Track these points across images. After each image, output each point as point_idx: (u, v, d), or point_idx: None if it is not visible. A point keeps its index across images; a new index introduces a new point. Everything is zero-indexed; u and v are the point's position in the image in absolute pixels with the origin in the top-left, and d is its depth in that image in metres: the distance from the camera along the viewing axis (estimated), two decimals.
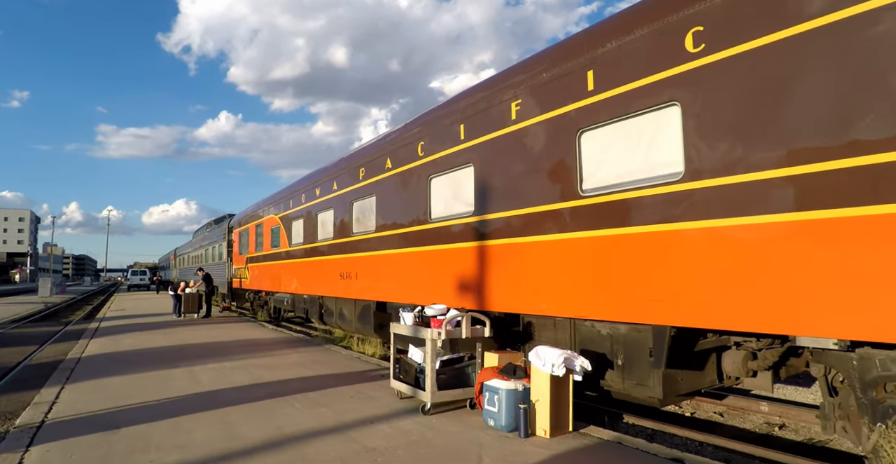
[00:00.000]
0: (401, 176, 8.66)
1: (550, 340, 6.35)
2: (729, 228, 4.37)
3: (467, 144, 7.17)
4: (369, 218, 9.65)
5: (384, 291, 9.06)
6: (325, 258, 11.37)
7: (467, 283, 7.12)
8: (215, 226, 26.97)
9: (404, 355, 6.56)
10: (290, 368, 8.61)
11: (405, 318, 6.45)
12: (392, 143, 8.97)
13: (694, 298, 4.62)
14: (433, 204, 7.90)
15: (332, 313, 11.41)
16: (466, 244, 7.13)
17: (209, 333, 13.75)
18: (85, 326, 16.40)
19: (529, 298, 6.23)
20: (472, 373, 6.17)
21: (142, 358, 9.77)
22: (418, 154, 8.21)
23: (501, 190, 6.59)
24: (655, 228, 4.92)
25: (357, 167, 10.17)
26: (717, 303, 4.46)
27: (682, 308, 4.72)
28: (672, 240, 4.78)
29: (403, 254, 8.46)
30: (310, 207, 12.45)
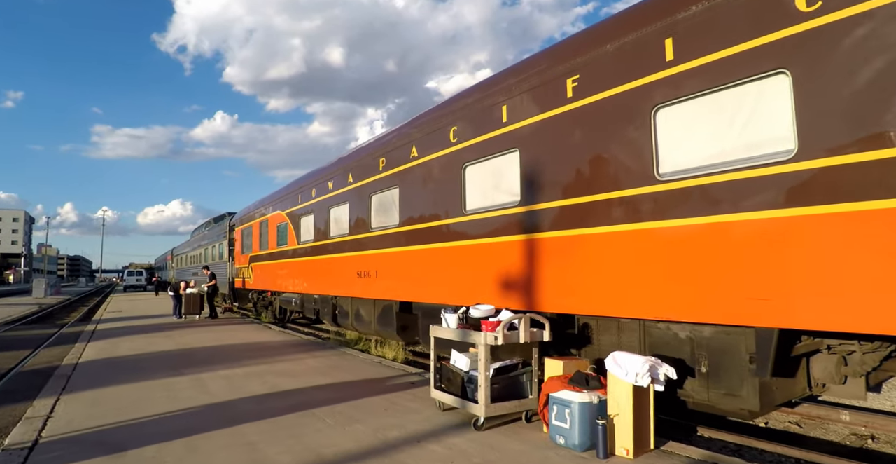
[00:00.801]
0: (429, 165, 7.83)
1: (613, 345, 5.55)
2: (868, 214, 3.58)
3: (511, 127, 6.35)
4: (391, 212, 8.80)
5: (409, 291, 8.22)
6: (340, 256, 10.50)
7: (512, 280, 6.30)
8: (215, 225, 25.94)
9: (446, 362, 5.73)
10: (307, 374, 7.74)
11: (448, 320, 5.62)
12: (418, 129, 8.14)
13: (814, 296, 3.83)
14: (468, 194, 7.07)
15: (348, 315, 10.54)
16: (511, 238, 6.31)
17: (213, 335, 12.82)
18: (81, 328, 15.39)
19: (589, 296, 5.42)
20: (527, 382, 5.36)
21: (143, 364, 8.85)
22: (450, 141, 7.38)
23: (555, 177, 5.78)
24: (760, 215, 4.13)
25: (376, 158, 9.32)
26: (847, 302, 3.67)
27: (795, 308, 3.93)
28: (784, 228, 3.98)
29: (433, 250, 7.62)
30: (321, 201, 11.57)
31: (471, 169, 7.04)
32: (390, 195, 8.86)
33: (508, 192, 6.42)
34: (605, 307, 5.30)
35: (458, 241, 7.15)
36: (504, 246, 6.40)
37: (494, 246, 6.55)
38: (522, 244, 6.14)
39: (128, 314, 19.52)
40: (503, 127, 6.47)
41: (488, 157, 6.72)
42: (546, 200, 5.84)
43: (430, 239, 7.70)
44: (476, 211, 6.90)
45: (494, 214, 6.57)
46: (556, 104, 5.79)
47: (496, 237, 6.53)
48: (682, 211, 4.64)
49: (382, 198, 9.11)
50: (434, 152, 7.72)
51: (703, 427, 5.63)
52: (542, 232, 5.88)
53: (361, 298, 9.84)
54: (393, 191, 8.75)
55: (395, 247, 8.58)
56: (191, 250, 32.97)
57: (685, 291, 4.62)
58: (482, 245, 6.75)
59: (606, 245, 5.21)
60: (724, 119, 4.45)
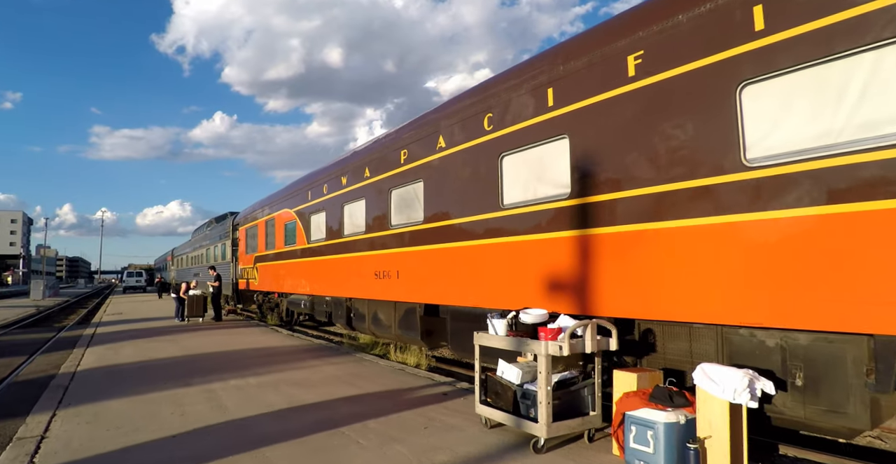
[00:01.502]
0: (459, 156, 7.13)
1: (681, 353, 4.86)
2: None
3: (559, 111, 5.66)
4: (414, 208, 8.09)
5: (436, 292, 7.51)
6: (356, 255, 9.78)
7: (559, 281, 5.60)
8: (217, 224, 25.13)
9: (492, 373, 5.03)
10: (327, 384, 7.02)
11: (495, 326, 4.92)
12: (446, 118, 7.43)
13: None
14: (506, 187, 6.37)
15: (364, 318, 9.82)
16: (558, 234, 5.62)
17: (219, 339, 12.06)
18: (80, 332, 14.59)
19: (656, 299, 4.73)
20: (588, 396, 4.67)
21: (147, 373, 8.10)
22: (484, 129, 6.68)
23: (614, 166, 5.09)
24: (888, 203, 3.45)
25: (396, 150, 8.61)
26: None
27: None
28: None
29: (464, 248, 6.92)
30: (334, 198, 10.84)
31: (509, 159, 6.34)
32: (413, 190, 8.16)
33: (555, 183, 5.73)
34: (677, 311, 4.61)
35: (494, 238, 6.44)
36: (550, 243, 5.71)
37: (538, 243, 5.86)
38: (573, 241, 5.45)
39: (128, 317, 18.70)
40: (549, 112, 5.78)
41: (530, 145, 6.02)
42: (603, 191, 5.15)
43: (461, 237, 7.00)
44: (515, 205, 6.20)
45: (538, 209, 5.88)
46: (615, 85, 5.10)
47: (540, 234, 5.84)
48: (777, 201, 3.96)
49: (404, 193, 8.40)
50: (465, 142, 7.01)
51: (785, 445, 4.95)
52: (599, 227, 5.19)
53: (380, 300, 9.13)
54: (416, 185, 8.04)
55: (418, 245, 7.88)
56: (192, 251, 32.11)
57: (779, 294, 3.94)
58: (523, 243, 6.05)
59: (680, 241, 4.52)
60: (831, 95, 3.77)
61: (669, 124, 4.65)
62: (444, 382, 7.04)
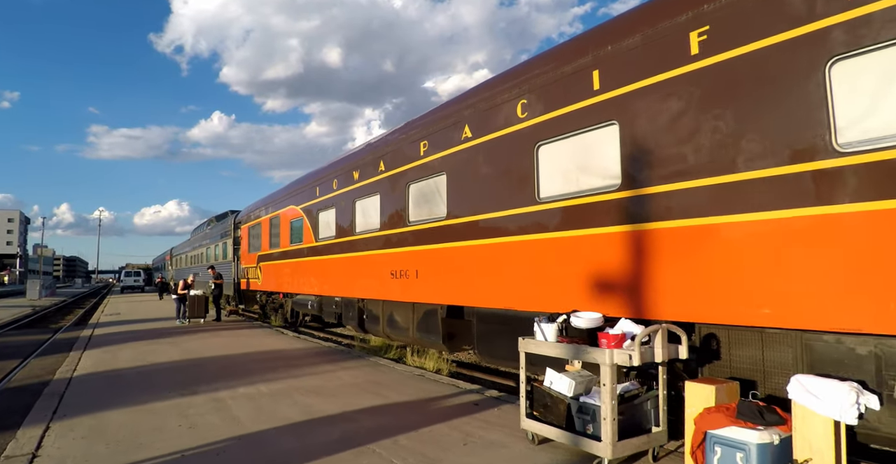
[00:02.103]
0: (487, 147, 6.57)
1: (752, 361, 4.33)
2: None
3: (607, 95, 5.12)
4: (435, 203, 7.53)
5: (460, 293, 6.95)
6: (369, 254, 9.21)
7: (608, 281, 5.06)
8: (217, 223, 24.47)
9: (538, 384, 4.48)
10: (345, 393, 6.45)
11: (544, 331, 4.37)
12: (473, 106, 6.87)
13: None
14: (543, 179, 5.83)
15: (378, 320, 9.24)
16: (605, 229, 5.07)
17: (223, 342, 11.46)
18: (77, 333, 13.94)
19: (724, 300, 4.19)
20: (651, 409, 4.13)
21: (149, 378, 7.51)
22: (518, 116, 6.13)
23: (675, 153, 4.54)
24: None
25: (414, 142, 8.04)
26: None
27: None
28: None
29: (493, 245, 6.37)
30: (345, 194, 10.27)
31: (547, 149, 5.80)
32: (434, 184, 7.60)
33: (602, 174, 5.19)
34: (750, 315, 4.06)
35: (529, 234, 5.89)
36: (595, 239, 5.16)
37: (581, 240, 5.31)
38: (624, 237, 4.90)
39: (126, 317, 18.05)
40: (595, 96, 5.23)
41: (572, 133, 5.48)
42: (661, 182, 4.61)
43: (490, 233, 6.45)
44: (554, 199, 5.65)
45: (581, 202, 5.33)
46: (675, 65, 4.56)
47: (584, 229, 5.29)
48: (879, 191, 3.43)
49: (423, 187, 7.84)
50: (495, 132, 6.46)
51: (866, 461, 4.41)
52: (655, 222, 4.64)
53: (396, 301, 8.56)
54: (437, 178, 7.48)
55: (441, 243, 7.32)
56: (191, 250, 31.42)
57: (885, 295, 3.41)
58: (563, 239, 5.50)
59: (759, 236, 3.98)
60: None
61: (742, 107, 4.11)
62: (472, 389, 6.48)
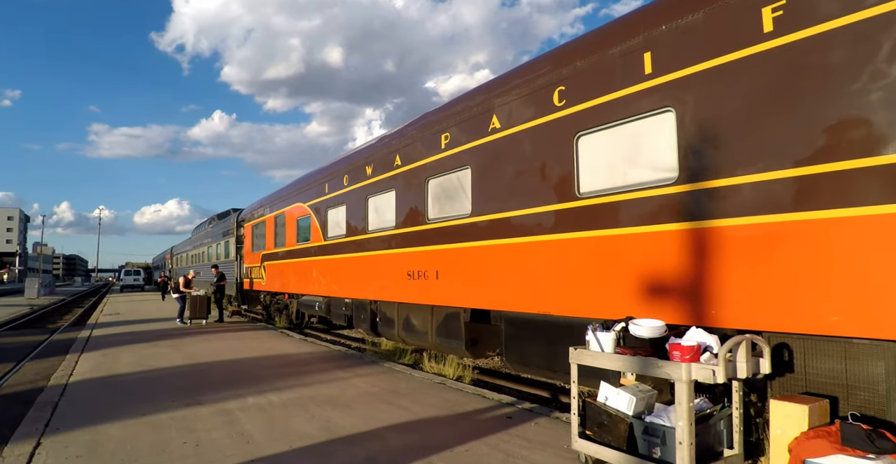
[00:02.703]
0: (518, 138, 6.03)
1: (832, 374, 3.79)
2: None
3: (661, 79, 4.58)
4: (458, 199, 6.99)
5: (486, 295, 6.41)
6: (383, 253, 8.66)
7: (661, 283, 4.52)
8: (219, 221, 23.88)
9: (592, 400, 3.94)
10: (364, 404, 5.90)
11: (601, 341, 3.84)
12: (501, 95, 6.33)
13: None
14: (583, 172, 5.29)
15: (393, 323, 8.69)
16: (660, 227, 4.53)
17: (227, 344, 10.90)
18: (74, 334, 13.36)
19: (803, 307, 3.66)
20: (724, 429, 3.60)
21: (150, 386, 6.95)
22: (554, 105, 5.59)
23: (745, 143, 4.00)
24: None
25: (434, 134, 7.50)
26: None
27: None
28: None
29: (527, 244, 5.83)
30: (357, 190, 9.71)
31: (588, 139, 5.26)
32: (456, 179, 7.05)
33: (655, 166, 4.65)
34: (838, 324, 3.53)
35: (567, 233, 5.35)
36: (647, 238, 4.63)
37: (630, 238, 4.77)
38: (682, 235, 4.36)
39: (126, 318, 17.47)
40: (646, 81, 4.70)
41: (618, 122, 4.94)
42: (729, 174, 4.07)
43: (521, 231, 5.91)
44: (596, 194, 5.12)
45: (629, 197, 4.80)
46: (743, 44, 4.02)
47: (633, 227, 4.75)
48: None
49: (444, 182, 7.30)
50: (527, 122, 5.92)
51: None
52: (720, 218, 4.11)
53: (413, 303, 8.01)
54: (461, 173, 6.94)
55: (464, 242, 6.77)
56: (192, 249, 30.82)
57: None
58: (608, 238, 4.97)
59: (859, 235, 3.44)
60: None
61: (830, 89, 3.58)
62: (505, 402, 5.93)
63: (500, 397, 6.16)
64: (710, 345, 3.56)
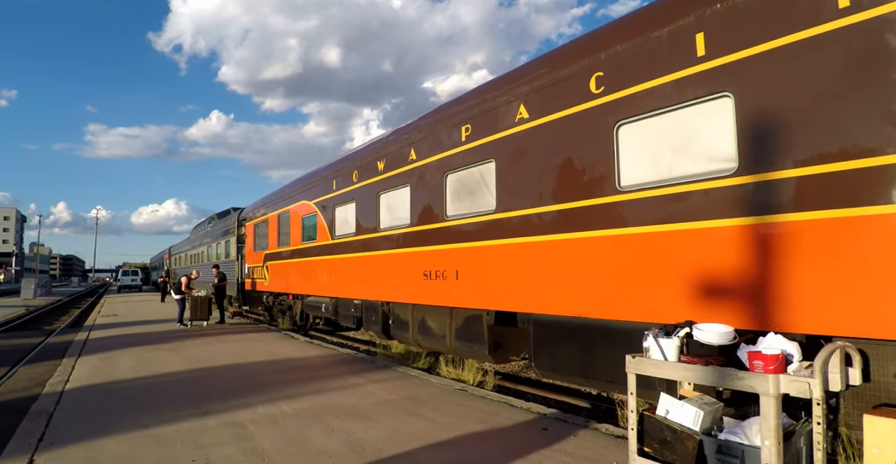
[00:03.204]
0: (550, 129, 5.60)
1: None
2: None
3: (717, 62, 4.16)
4: (481, 194, 6.55)
5: (512, 296, 5.98)
6: (396, 252, 8.22)
7: (717, 284, 4.10)
8: (219, 220, 23.36)
9: (651, 413, 3.51)
10: (385, 414, 5.45)
11: (663, 347, 3.41)
12: (531, 82, 5.89)
13: None
14: (625, 164, 4.86)
15: (407, 325, 8.24)
16: (716, 222, 4.11)
17: (230, 348, 10.42)
18: (71, 337, 12.86)
19: (884, 309, 3.24)
20: (804, 447, 3.17)
21: (152, 394, 6.48)
22: (591, 92, 5.16)
23: (819, 130, 3.58)
24: None
25: (453, 126, 7.06)
26: None
27: None
28: None
29: (560, 242, 5.39)
30: (368, 187, 9.26)
31: (630, 129, 4.83)
32: (478, 173, 6.61)
33: (710, 156, 4.23)
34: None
35: (608, 229, 4.92)
36: (701, 234, 4.20)
37: (681, 235, 4.35)
38: (743, 231, 3.94)
39: (124, 319, 16.96)
40: (698, 64, 4.27)
41: (666, 109, 4.51)
42: (799, 164, 3.65)
43: (554, 228, 5.48)
44: (640, 187, 4.69)
45: (679, 190, 4.37)
46: (818, 20, 3.61)
47: (684, 222, 4.33)
48: None
49: (465, 177, 6.86)
50: (559, 111, 5.49)
51: None
52: (790, 212, 3.69)
53: (429, 305, 7.57)
54: (484, 167, 6.50)
55: (487, 240, 6.34)
56: (191, 249, 30.27)
57: None
58: (655, 234, 4.54)
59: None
60: None
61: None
62: (536, 411, 5.48)
63: (528, 406, 5.72)
64: (791, 353, 3.14)
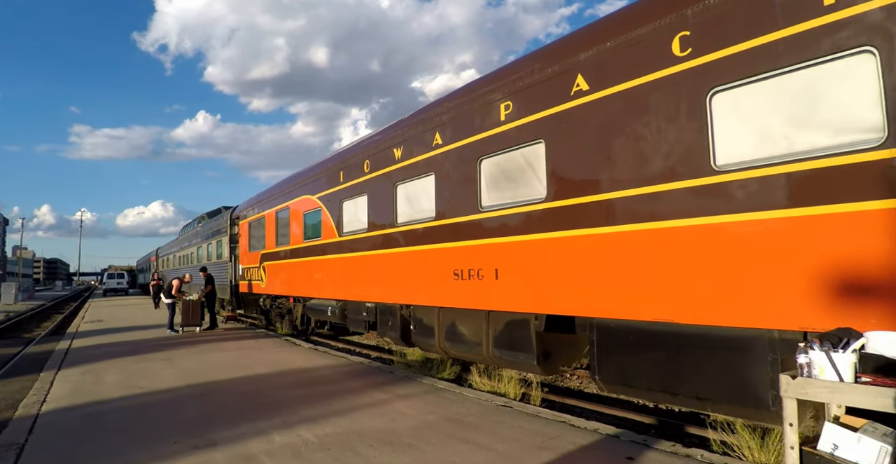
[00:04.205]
0: (619, 102, 4.72)
1: None
2: None
3: (856, 8, 3.31)
4: (526, 180, 5.66)
5: (571, 298, 5.09)
6: (419, 249, 7.29)
7: (865, 282, 3.26)
8: (210, 219, 22.14)
9: (813, 449, 2.65)
10: (428, 440, 4.51)
11: (836, 364, 2.54)
12: (590, 49, 5.01)
13: None
14: (721, 139, 4.00)
15: (432, 331, 7.30)
16: (858, 205, 3.27)
17: (230, 358, 9.38)
18: (52, 346, 11.70)
19: None
20: None
21: (143, 417, 5.48)
22: (673, 56, 4.29)
23: None
24: None
25: (490, 104, 6.14)
26: None
27: None
28: None
29: (639, 233, 4.52)
30: (381, 177, 8.31)
31: (728, 96, 3.97)
32: (522, 156, 5.72)
33: (844, 127, 3.38)
34: None
35: (703, 217, 4.06)
36: (839, 220, 3.35)
37: (808, 222, 3.50)
38: None
39: (109, 325, 15.76)
40: (823, 15, 3.42)
41: (779, 71, 3.66)
42: None
43: (626, 217, 4.60)
44: (747, 166, 3.83)
45: (803, 168, 3.52)
46: None
47: (813, 206, 3.48)
48: None
49: (505, 162, 5.95)
50: (630, 80, 4.61)
51: None
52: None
53: (460, 308, 6.65)
54: (529, 148, 5.61)
55: (536, 233, 5.45)
56: (179, 250, 28.93)
57: None
58: (771, 221, 3.68)
59: None
60: None
61: None
62: (609, 434, 4.57)
63: (592, 426, 4.84)
64: None
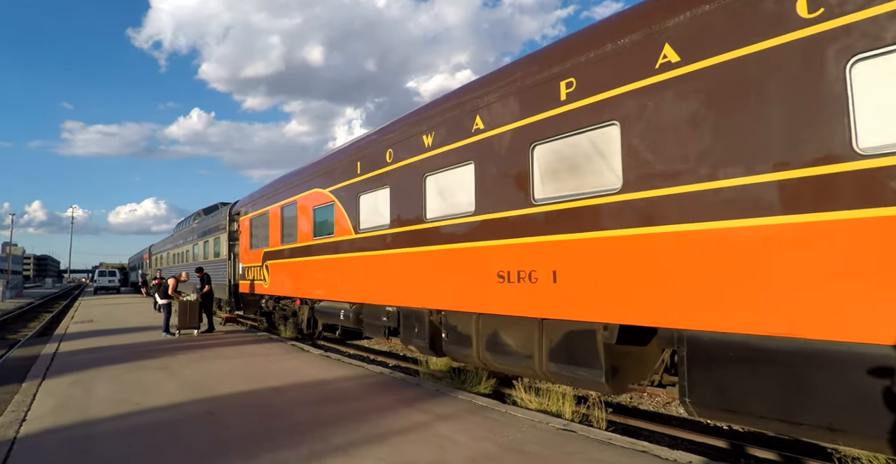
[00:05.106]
0: (721, 73, 3.93)
1: None
2: None
3: None
4: (591, 170, 4.86)
5: (654, 305, 4.28)
6: (452, 248, 6.46)
7: None
8: (206, 216, 21.15)
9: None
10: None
11: None
12: (680, 13, 4.21)
13: None
14: (861, 117, 3.23)
15: (469, 340, 6.46)
16: None
17: (236, 366, 8.49)
18: (38, 349, 10.73)
19: None
20: None
21: (142, 446, 4.61)
22: (798, 18, 3.51)
23: None
24: None
25: (546, 83, 5.32)
26: None
27: None
28: None
29: (747, 230, 3.73)
30: (406, 167, 7.46)
31: (870, 66, 3.19)
32: (588, 141, 4.91)
33: None
34: None
35: (844, 210, 3.28)
36: None
37: None
38: None
39: (101, 326, 14.77)
40: None
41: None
42: None
43: (726, 212, 3.81)
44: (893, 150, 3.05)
45: None
46: None
47: None
48: None
49: (564, 148, 5.14)
50: (742, 47, 3.81)
51: None
52: None
53: (504, 315, 5.83)
54: (599, 132, 4.80)
55: (609, 230, 4.65)
56: (173, 248, 27.86)
57: None
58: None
59: None
60: None
61: None
62: (672, 459, 3.79)
63: (680, 457, 4.04)
64: None
